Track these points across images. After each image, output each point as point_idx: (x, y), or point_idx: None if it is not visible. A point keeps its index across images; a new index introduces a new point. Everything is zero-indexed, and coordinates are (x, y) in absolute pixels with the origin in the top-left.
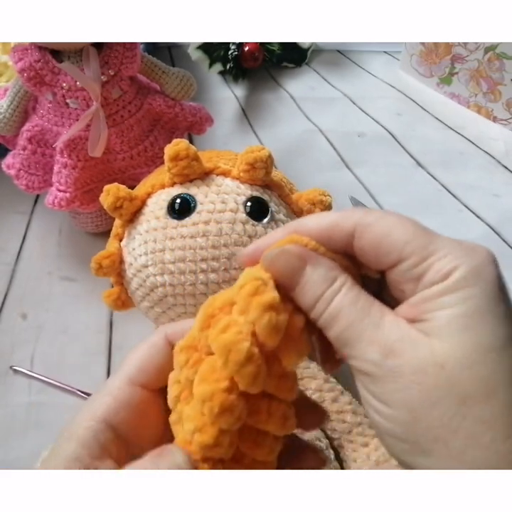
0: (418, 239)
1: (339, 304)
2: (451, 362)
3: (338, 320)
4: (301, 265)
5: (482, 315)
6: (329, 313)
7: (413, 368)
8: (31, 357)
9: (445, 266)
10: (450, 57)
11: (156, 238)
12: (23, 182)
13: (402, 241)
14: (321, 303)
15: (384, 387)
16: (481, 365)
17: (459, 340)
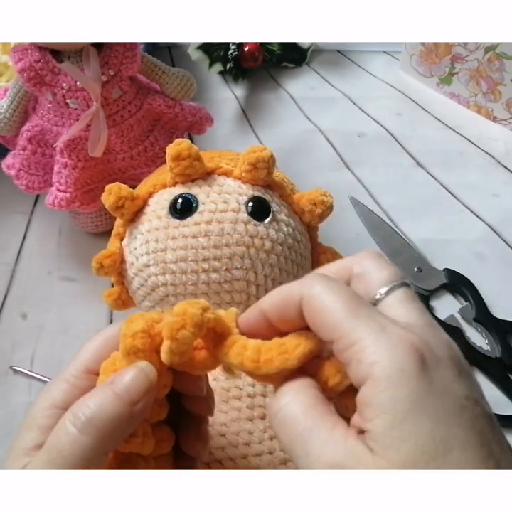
0: (346, 323)
1: (291, 411)
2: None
3: (286, 428)
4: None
5: (415, 419)
6: (280, 420)
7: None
8: (31, 357)
9: (366, 359)
10: (450, 57)
11: (158, 238)
12: (23, 182)
13: (332, 323)
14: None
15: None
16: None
17: (397, 453)
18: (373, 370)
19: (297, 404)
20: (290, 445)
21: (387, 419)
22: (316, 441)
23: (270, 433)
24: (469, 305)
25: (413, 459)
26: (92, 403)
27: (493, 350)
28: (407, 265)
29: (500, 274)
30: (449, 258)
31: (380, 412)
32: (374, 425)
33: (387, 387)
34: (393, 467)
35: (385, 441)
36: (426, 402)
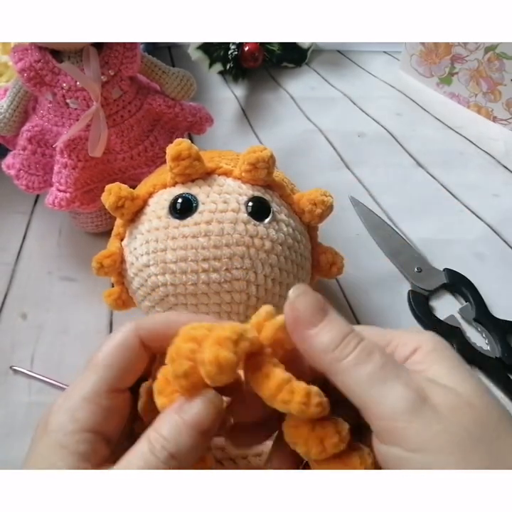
0: (376, 334)
1: (369, 345)
2: (476, 401)
3: (372, 357)
4: (324, 308)
5: (465, 370)
6: (361, 351)
7: (450, 408)
8: (31, 357)
9: (409, 342)
10: (450, 57)
11: (158, 238)
12: (23, 182)
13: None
14: (349, 341)
15: (425, 427)
16: (493, 406)
17: (467, 385)
18: (420, 344)
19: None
20: (376, 374)
21: (448, 363)
22: (398, 372)
23: None
24: (469, 305)
25: (479, 391)
26: (170, 433)
27: (493, 350)
28: (407, 265)
29: (500, 274)
30: (449, 258)
31: (439, 361)
32: (436, 369)
33: (437, 351)
34: (469, 394)
35: (453, 377)
36: (464, 364)
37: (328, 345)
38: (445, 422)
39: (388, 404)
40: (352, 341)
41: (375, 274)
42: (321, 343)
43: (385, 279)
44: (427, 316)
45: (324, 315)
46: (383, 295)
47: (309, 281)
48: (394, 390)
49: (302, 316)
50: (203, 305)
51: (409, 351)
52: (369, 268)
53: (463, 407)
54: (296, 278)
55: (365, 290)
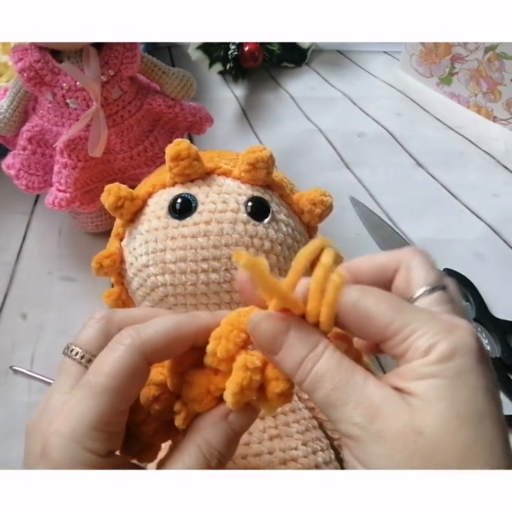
0: (399, 319)
1: (323, 367)
2: (429, 429)
3: (322, 383)
4: (283, 330)
5: (461, 387)
6: (313, 377)
7: (395, 433)
8: (31, 357)
9: (424, 344)
10: (450, 57)
11: (157, 238)
12: (23, 182)
13: (384, 322)
14: (304, 366)
15: (368, 452)
16: (458, 434)
17: (435, 408)
18: (432, 350)
19: (328, 360)
20: (326, 400)
21: (430, 382)
22: (353, 390)
23: (270, 433)
24: (469, 305)
25: (446, 415)
26: (220, 445)
27: (493, 350)
28: None
29: (500, 274)
30: (449, 258)
31: (424, 377)
32: (414, 385)
33: (443, 361)
34: (425, 418)
35: (423, 397)
36: (470, 378)
37: (290, 371)
38: (386, 448)
39: (341, 427)
40: (307, 367)
41: None
42: (285, 369)
43: None
44: None
45: (282, 342)
46: None
47: None
48: (344, 415)
49: (263, 345)
50: (203, 305)
51: (418, 355)
52: None
53: (410, 434)
54: None
55: None
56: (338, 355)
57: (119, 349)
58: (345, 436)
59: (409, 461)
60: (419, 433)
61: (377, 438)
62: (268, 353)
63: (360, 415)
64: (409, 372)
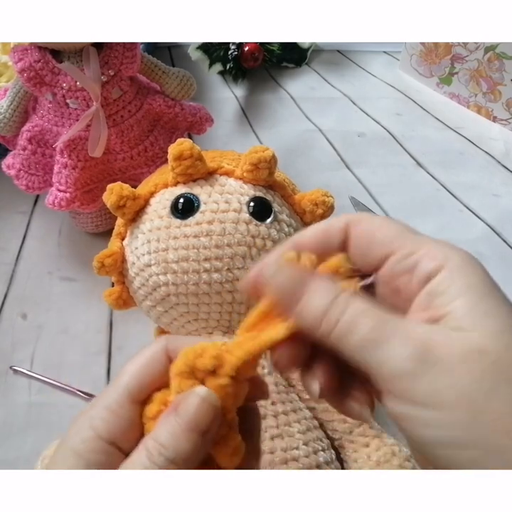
0: (405, 233)
1: (357, 309)
2: (491, 346)
3: (358, 324)
4: (304, 278)
5: (493, 300)
6: (346, 319)
7: (458, 359)
8: (31, 357)
9: (436, 256)
10: (450, 57)
11: (160, 237)
12: (23, 182)
13: (391, 235)
14: (334, 311)
15: (432, 385)
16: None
17: (485, 326)
18: (447, 261)
19: (360, 302)
20: (364, 341)
21: (469, 299)
22: (396, 326)
23: (271, 433)
24: None
25: (499, 330)
26: (166, 438)
27: None
28: None
29: (500, 274)
30: None
31: (459, 295)
32: (455, 307)
33: (463, 274)
34: (482, 337)
35: (468, 319)
36: (496, 289)
37: (314, 320)
38: (452, 375)
39: (388, 367)
40: (335, 312)
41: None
42: (306, 323)
43: None
44: None
45: (301, 292)
46: None
47: None
48: (391, 352)
49: (283, 297)
50: (205, 305)
51: (433, 268)
52: None
53: (473, 355)
54: None
55: None
56: (366, 299)
57: (148, 347)
58: (392, 380)
59: (480, 382)
60: (482, 352)
61: (440, 367)
62: (289, 301)
63: (412, 346)
64: (437, 297)
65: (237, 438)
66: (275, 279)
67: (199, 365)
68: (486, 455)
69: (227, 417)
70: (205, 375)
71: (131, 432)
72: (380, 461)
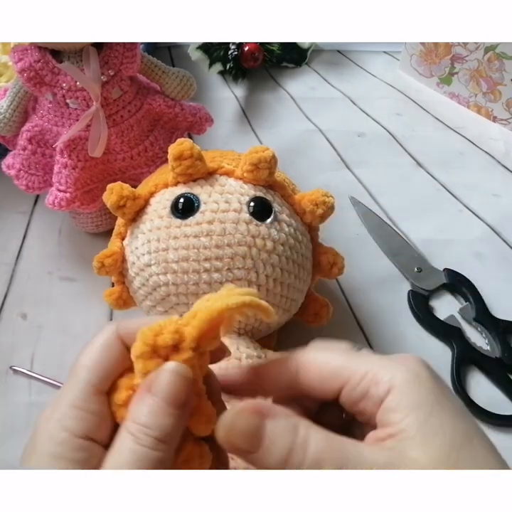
0: (351, 361)
1: (317, 451)
2: (441, 468)
3: (322, 466)
4: (259, 423)
5: (440, 414)
6: (309, 466)
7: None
8: (31, 357)
9: (383, 378)
10: (450, 57)
11: (160, 237)
12: (23, 182)
13: (335, 370)
14: (295, 457)
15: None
16: (461, 463)
17: (433, 446)
18: (393, 382)
19: (318, 441)
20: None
21: (418, 416)
22: (354, 462)
23: None
24: (469, 305)
25: (446, 449)
26: (148, 418)
27: (493, 350)
28: (407, 265)
29: (500, 274)
30: (449, 258)
31: (409, 412)
32: (406, 425)
33: (410, 391)
34: (432, 462)
35: (421, 436)
36: (443, 400)
37: (277, 465)
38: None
39: None
40: (298, 458)
41: (375, 274)
42: (269, 465)
43: (385, 279)
44: (427, 316)
45: (260, 438)
46: (383, 295)
47: (310, 281)
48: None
49: (242, 447)
50: None
51: (383, 391)
52: (369, 268)
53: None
54: (297, 278)
55: (365, 290)
56: (323, 432)
57: (98, 335)
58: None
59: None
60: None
61: None
62: (247, 453)
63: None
64: (392, 413)
65: (208, 405)
66: (234, 431)
67: (160, 342)
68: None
69: (196, 387)
70: (167, 352)
71: (103, 423)
72: None
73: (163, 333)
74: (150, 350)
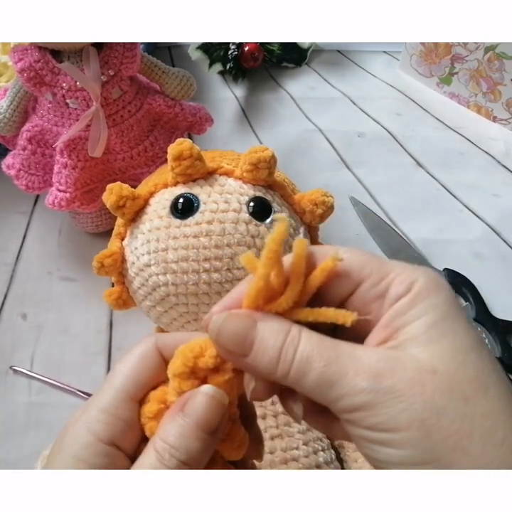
0: (373, 262)
1: (306, 348)
2: (442, 366)
3: (311, 364)
4: (250, 325)
5: (453, 320)
6: (299, 361)
7: (409, 383)
8: (31, 357)
9: (405, 279)
10: (450, 57)
11: (159, 237)
12: (23, 182)
13: (358, 265)
14: (285, 355)
15: (386, 413)
16: (467, 365)
17: (439, 346)
18: (414, 284)
19: (309, 339)
20: (320, 380)
21: (428, 319)
22: (347, 359)
23: (271, 433)
24: (469, 305)
25: (452, 349)
26: (177, 439)
27: (493, 350)
28: None
29: (500, 274)
30: (449, 258)
31: (420, 314)
32: (413, 326)
33: (427, 295)
34: (433, 357)
35: (424, 338)
36: (458, 310)
37: (268, 367)
38: (405, 399)
39: (344, 402)
40: (288, 354)
41: None
42: (261, 369)
43: None
44: None
45: (252, 338)
46: None
47: None
48: (345, 389)
49: (232, 349)
50: (204, 305)
51: (402, 290)
52: None
53: (425, 377)
54: None
55: None
56: (316, 334)
57: (137, 345)
58: (350, 412)
59: (432, 403)
60: (433, 372)
61: (392, 394)
62: (239, 356)
63: (364, 380)
64: (399, 316)
65: (241, 430)
66: (222, 328)
67: (201, 365)
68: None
69: (230, 411)
70: (206, 373)
71: (131, 432)
72: None
73: (204, 355)
74: (188, 371)
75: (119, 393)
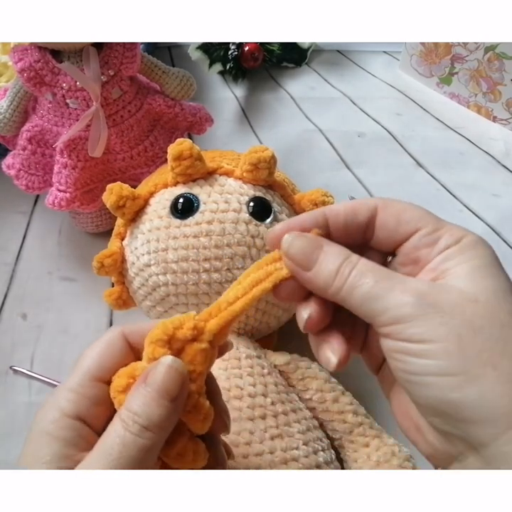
0: (429, 215)
1: (362, 268)
2: (483, 297)
3: (364, 279)
4: (318, 245)
5: (496, 268)
6: (354, 276)
7: (451, 304)
8: (31, 357)
9: (456, 233)
10: (450, 57)
11: (159, 237)
12: (23, 182)
13: (417, 216)
14: (342, 271)
15: (426, 325)
16: (506, 300)
17: (482, 283)
18: (463, 239)
19: (366, 263)
20: (368, 294)
21: (473, 264)
22: (398, 280)
23: (271, 433)
24: None
25: (493, 288)
26: (139, 407)
27: None
28: None
29: None
30: None
31: (465, 261)
32: (459, 268)
33: (473, 248)
34: (476, 290)
35: (469, 277)
36: (500, 263)
37: (326, 282)
38: (445, 315)
39: (388, 314)
40: (345, 270)
41: None
42: (320, 283)
43: None
44: None
45: (317, 255)
46: None
47: None
48: (391, 301)
49: (297, 262)
50: (204, 305)
51: (452, 241)
52: None
53: (466, 303)
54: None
55: None
56: (371, 262)
57: (105, 333)
58: (391, 325)
59: (470, 321)
60: (475, 300)
61: (434, 309)
62: (303, 268)
63: (410, 296)
64: (448, 260)
65: (206, 403)
66: (293, 243)
67: (179, 335)
68: (464, 382)
69: (196, 384)
70: (183, 344)
71: (97, 408)
72: (380, 461)
73: (183, 328)
74: (166, 339)
75: (85, 374)
